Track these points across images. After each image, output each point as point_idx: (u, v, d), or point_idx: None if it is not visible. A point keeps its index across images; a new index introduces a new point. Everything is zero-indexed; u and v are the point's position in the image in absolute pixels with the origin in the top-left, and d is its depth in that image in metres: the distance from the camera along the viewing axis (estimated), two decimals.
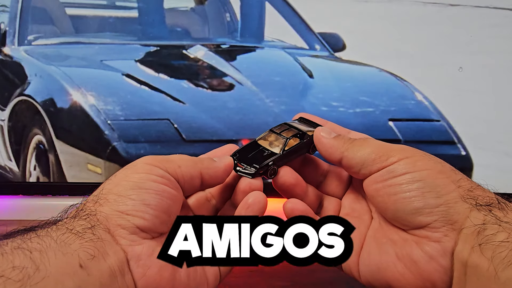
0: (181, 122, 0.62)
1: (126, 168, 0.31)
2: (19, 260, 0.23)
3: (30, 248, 0.24)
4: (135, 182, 0.29)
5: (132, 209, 0.28)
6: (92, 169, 0.62)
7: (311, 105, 0.64)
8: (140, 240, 0.28)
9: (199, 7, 0.67)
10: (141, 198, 0.29)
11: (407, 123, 0.65)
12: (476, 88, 0.66)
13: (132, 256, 0.28)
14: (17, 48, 0.64)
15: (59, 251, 0.25)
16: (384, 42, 0.65)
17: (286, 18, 0.65)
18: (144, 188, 0.29)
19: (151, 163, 0.30)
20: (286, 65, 0.66)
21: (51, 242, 0.25)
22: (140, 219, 0.28)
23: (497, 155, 0.67)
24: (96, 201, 0.29)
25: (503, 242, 0.25)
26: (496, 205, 0.28)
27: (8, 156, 0.65)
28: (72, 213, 0.29)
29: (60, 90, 0.62)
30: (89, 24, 0.65)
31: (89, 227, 0.27)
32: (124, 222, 0.28)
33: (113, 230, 0.28)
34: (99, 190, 0.30)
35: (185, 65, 0.64)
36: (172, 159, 0.32)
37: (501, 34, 0.65)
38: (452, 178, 0.30)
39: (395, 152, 0.31)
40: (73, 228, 0.27)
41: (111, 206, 0.28)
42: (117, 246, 0.27)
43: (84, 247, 0.26)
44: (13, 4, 0.63)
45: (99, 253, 0.26)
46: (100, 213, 0.28)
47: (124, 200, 0.28)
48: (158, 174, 0.30)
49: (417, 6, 0.64)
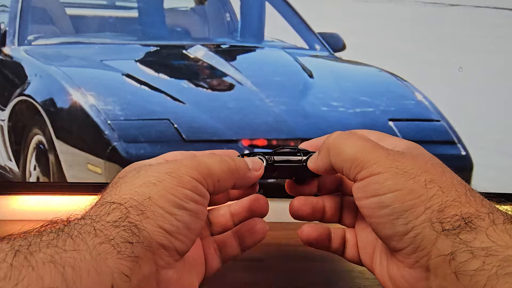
0: (181, 122, 0.62)
1: (170, 175, 0.28)
2: (50, 279, 0.21)
3: (64, 262, 0.22)
4: (180, 199, 0.28)
5: (177, 231, 0.27)
6: (92, 169, 0.62)
7: (311, 105, 0.64)
8: (174, 263, 0.28)
9: (199, 7, 0.67)
10: (185, 221, 0.28)
11: (407, 123, 0.65)
12: (476, 88, 0.66)
13: (163, 279, 0.27)
14: (17, 48, 0.64)
15: (93, 268, 0.23)
16: (384, 42, 0.65)
17: (286, 18, 0.65)
18: (189, 209, 0.28)
19: (196, 178, 0.29)
20: (286, 65, 0.65)
21: (86, 255, 0.23)
22: (181, 243, 0.28)
23: (497, 155, 0.67)
24: (142, 211, 0.27)
25: (479, 271, 0.23)
26: (465, 227, 0.25)
27: (8, 156, 0.65)
28: (111, 216, 0.26)
29: (60, 90, 0.62)
30: (89, 24, 0.65)
31: (130, 242, 0.25)
32: (167, 243, 0.27)
33: (156, 249, 0.27)
34: (143, 196, 0.27)
35: (185, 65, 0.64)
36: (213, 171, 0.30)
37: (501, 34, 0.65)
38: (423, 197, 0.27)
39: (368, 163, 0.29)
40: (113, 238, 0.24)
41: (158, 222, 0.27)
42: (153, 265, 0.26)
43: (120, 266, 0.24)
44: (13, 4, 0.63)
45: (133, 274, 0.25)
46: (145, 228, 0.26)
47: (170, 219, 0.27)
48: (200, 194, 0.29)
49: (417, 6, 0.64)
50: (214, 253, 0.35)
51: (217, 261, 0.35)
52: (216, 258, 0.35)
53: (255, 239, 0.35)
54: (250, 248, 0.36)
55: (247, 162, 0.33)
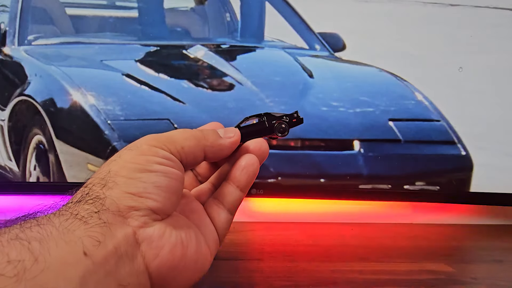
0: (181, 122, 0.62)
1: (129, 149, 0.30)
2: (16, 253, 0.21)
3: (29, 238, 0.22)
4: (142, 164, 0.29)
5: (144, 191, 0.28)
6: (92, 169, 0.62)
7: (311, 105, 0.64)
8: (152, 222, 0.28)
9: (199, 7, 0.67)
10: (152, 181, 0.28)
11: (407, 123, 0.65)
12: (476, 88, 0.66)
13: (144, 238, 0.28)
14: (17, 48, 0.64)
15: (61, 239, 0.23)
16: (384, 42, 0.65)
17: (286, 18, 0.65)
18: (153, 170, 0.29)
19: (155, 144, 0.30)
20: (286, 65, 0.65)
21: (53, 230, 0.23)
22: (153, 201, 0.28)
23: (497, 155, 0.67)
24: (104, 184, 0.28)
25: None
26: None
27: (8, 156, 0.65)
28: (77, 197, 0.28)
29: (60, 90, 0.62)
30: (89, 24, 0.65)
31: (95, 211, 0.26)
32: (137, 204, 0.28)
33: (125, 212, 0.27)
34: (105, 172, 0.29)
35: (185, 65, 0.64)
36: (175, 139, 0.31)
37: (501, 34, 0.65)
38: None
39: None
40: (78, 213, 0.25)
41: (122, 188, 0.28)
42: (127, 227, 0.27)
43: (89, 232, 0.25)
44: (13, 4, 0.63)
45: (106, 238, 0.25)
46: (109, 196, 0.27)
47: (135, 182, 0.28)
48: (163, 156, 0.30)
49: (417, 6, 0.64)
50: (217, 207, 0.35)
51: (224, 213, 0.35)
52: (220, 211, 0.35)
53: (249, 174, 0.34)
54: (248, 187, 0.35)
55: (219, 132, 0.34)
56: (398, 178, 0.66)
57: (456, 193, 0.68)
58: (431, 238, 0.64)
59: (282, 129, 0.37)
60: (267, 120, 0.37)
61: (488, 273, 0.52)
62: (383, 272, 0.49)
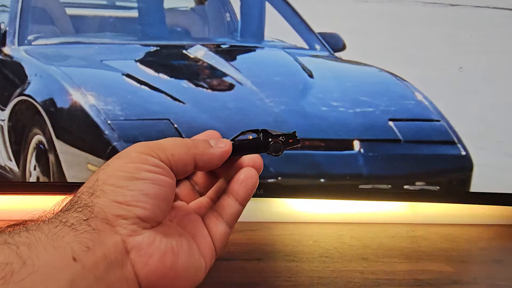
0: (181, 122, 0.62)
1: (118, 157, 0.30)
2: (3, 256, 0.22)
3: (17, 242, 0.23)
4: (130, 172, 0.29)
5: (132, 200, 0.28)
6: (92, 169, 0.62)
7: (311, 105, 0.64)
8: (141, 230, 0.28)
9: (199, 7, 0.67)
10: (140, 188, 0.28)
11: (407, 123, 0.65)
12: (476, 88, 0.66)
13: (133, 246, 0.28)
14: (17, 48, 0.64)
15: (50, 244, 0.23)
16: (384, 42, 0.65)
17: (286, 18, 0.65)
18: (141, 178, 0.29)
19: (144, 152, 0.30)
20: (286, 65, 0.65)
21: (41, 236, 0.24)
22: (141, 209, 0.28)
23: (497, 155, 0.67)
24: (92, 193, 0.28)
25: None
26: None
27: (8, 156, 0.65)
28: (66, 206, 0.28)
29: (60, 90, 0.62)
30: (89, 24, 0.65)
31: (84, 219, 0.26)
32: (125, 213, 0.28)
33: (113, 220, 0.27)
34: (93, 181, 0.29)
35: (185, 65, 0.64)
36: (165, 146, 0.31)
37: (501, 34, 0.65)
38: None
39: None
40: (67, 220, 0.26)
41: (109, 197, 0.28)
42: (116, 236, 0.27)
43: (79, 238, 0.25)
44: (13, 4, 0.63)
45: (95, 245, 0.25)
46: (97, 204, 0.27)
47: (122, 191, 0.28)
48: (152, 164, 0.30)
49: (417, 6, 0.64)
50: (216, 219, 0.35)
51: (223, 226, 0.35)
52: (218, 222, 0.35)
53: (247, 187, 0.35)
54: (247, 200, 0.35)
55: (211, 142, 0.34)
56: (398, 178, 0.66)
57: (456, 193, 0.68)
58: (431, 238, 0.64)
59: (277, 149, 0.36)
60: (263, 137, 0.36)
61: (488, 273, 0.52)
62: (383, 272, 0.49)
